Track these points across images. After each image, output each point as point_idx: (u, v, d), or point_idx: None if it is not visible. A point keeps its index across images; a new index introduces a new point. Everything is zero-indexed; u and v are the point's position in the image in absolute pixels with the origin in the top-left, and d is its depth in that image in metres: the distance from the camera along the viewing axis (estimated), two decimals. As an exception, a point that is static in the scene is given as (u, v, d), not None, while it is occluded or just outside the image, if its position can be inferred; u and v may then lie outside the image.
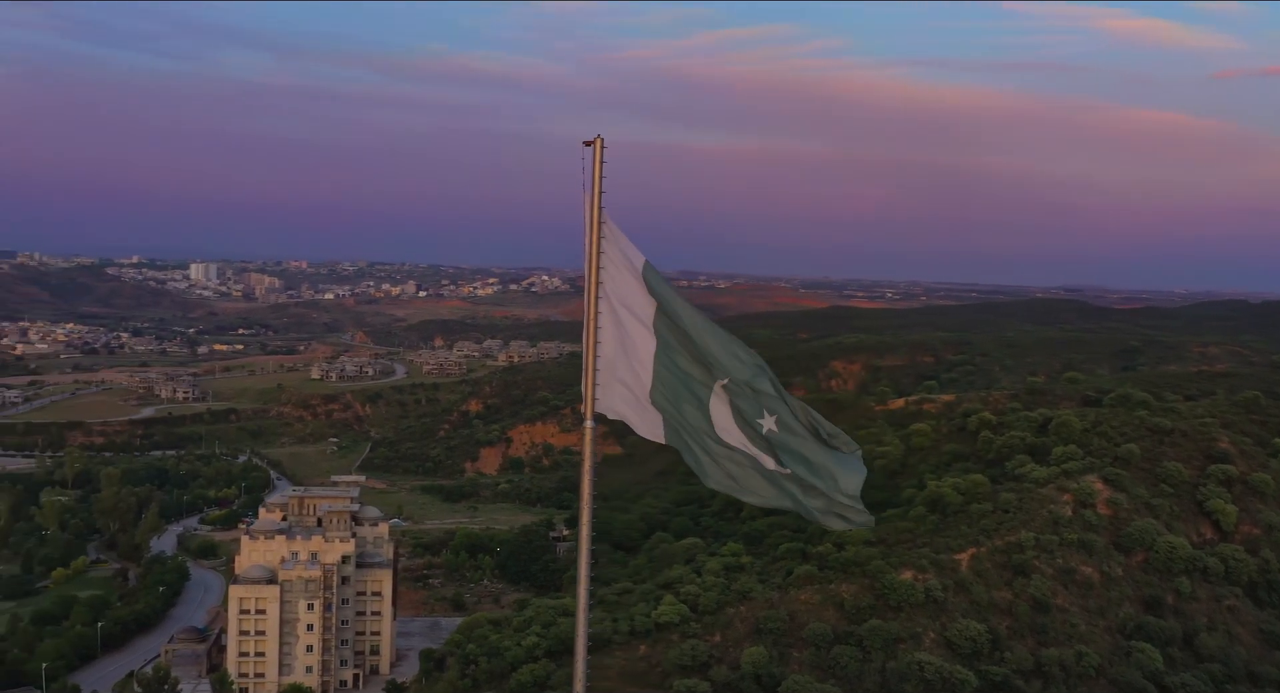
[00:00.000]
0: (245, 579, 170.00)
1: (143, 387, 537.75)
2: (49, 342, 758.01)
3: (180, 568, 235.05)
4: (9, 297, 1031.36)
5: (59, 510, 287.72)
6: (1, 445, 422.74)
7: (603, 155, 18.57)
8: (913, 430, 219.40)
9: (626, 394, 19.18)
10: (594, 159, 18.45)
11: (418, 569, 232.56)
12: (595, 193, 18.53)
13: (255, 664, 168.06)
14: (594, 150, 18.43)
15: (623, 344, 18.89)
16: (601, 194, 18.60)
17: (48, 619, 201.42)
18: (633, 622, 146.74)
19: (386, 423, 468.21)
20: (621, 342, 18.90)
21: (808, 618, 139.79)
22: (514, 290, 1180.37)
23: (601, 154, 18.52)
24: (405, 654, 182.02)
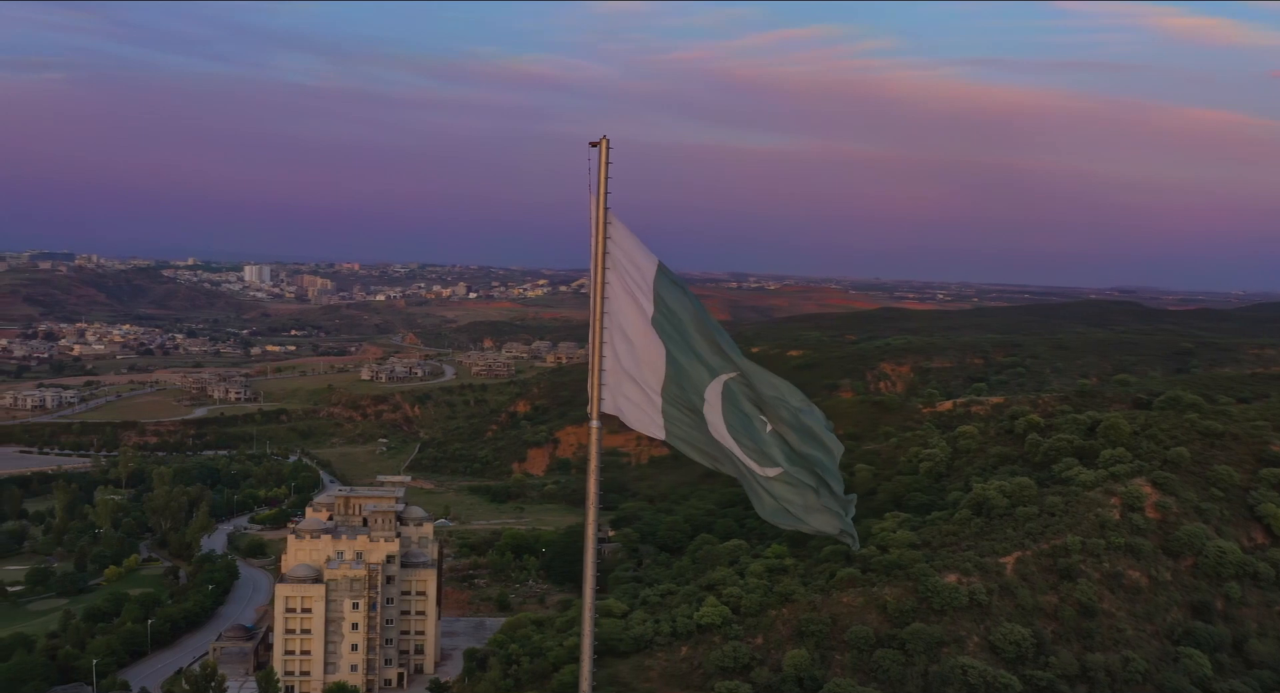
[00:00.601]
0: (291, 578, 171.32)
1: (196, 387, 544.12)
2: (106, 343, 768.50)
3: (230, 567, 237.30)
4: (67, 298, 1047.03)
5: (112, 509, 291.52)
6: (58, 445, 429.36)
7: (608, 157, 18.62)
8: (959, 433, 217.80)
9: (632, 393, 19.21)
10: (599, 160, 18.48)
11: (463, 569, 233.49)
12: (600, 194, 18.55)
13: (301, 663, 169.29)
14: (599, 152, 18.48)
15: (628, 345, 18.92)
16: (607, 195, 18.64)
17: (100, 616, 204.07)
18: (674, 623, 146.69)
19: (435, 424, 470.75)
20: (627, 342, 18.93)
21: (850, 621, 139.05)
22: (564, 292, 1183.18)
23: (607, 155, 18.55)
24: (450, 654, 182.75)
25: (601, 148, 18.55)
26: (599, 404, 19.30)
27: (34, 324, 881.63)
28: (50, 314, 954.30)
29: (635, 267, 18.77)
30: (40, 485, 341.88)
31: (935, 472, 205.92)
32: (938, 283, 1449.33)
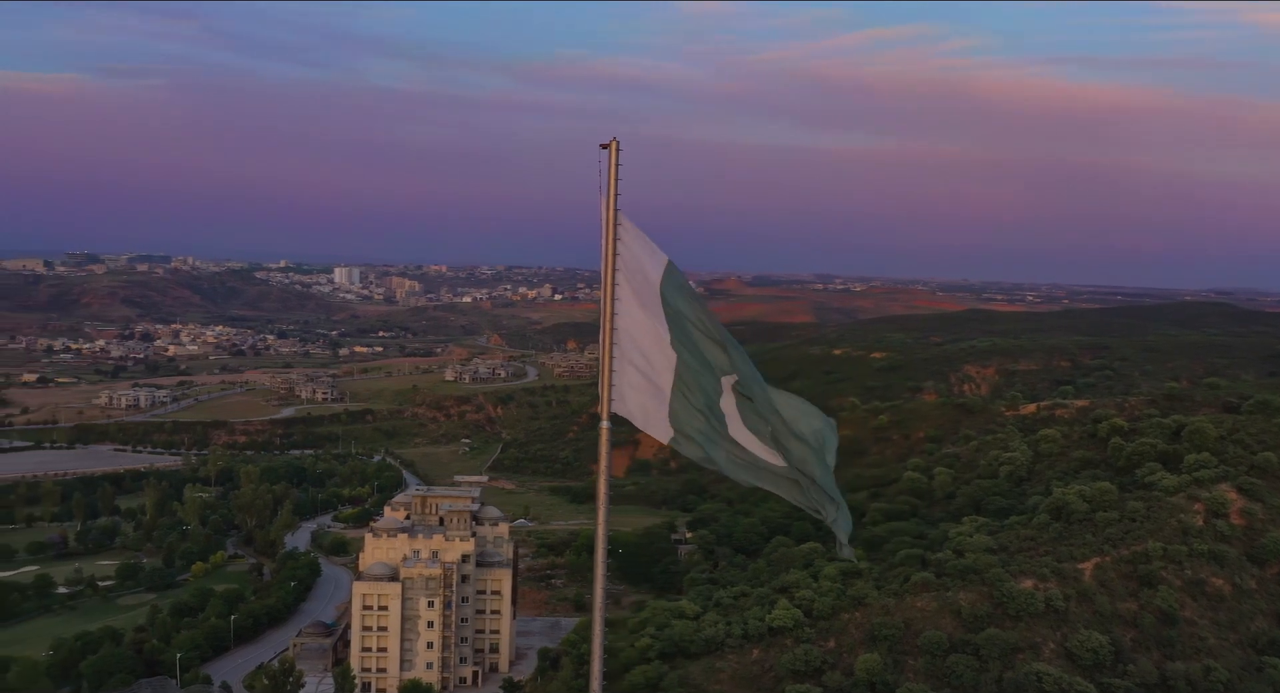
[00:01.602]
0: (368, 576, 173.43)
1: (284, 387, 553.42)
2: (199, 343, 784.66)
3: (312, 564, 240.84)
4: (163, 300, 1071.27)
5: (200, 507, 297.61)
6: (151, 443, 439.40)
7: (618, 158, 18.62)
8: (1041, 436, 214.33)
9: (642, 395, 19.24)
10: (610, 162, 18.51)
11: (541, 569, 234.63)
12: (611, 195, 18.55)
13: (378, 659, 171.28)
14: (610, 153, 18.51)
15: (639, 345, 18.94)
16: (617, 196, 18.65)
17: (185, 611, 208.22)
18: (746, 625, 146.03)
19: (517, 424, 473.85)
20: (638, 342, 18.96)
21: (923, 625, 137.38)
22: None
23: (617, 157, 18.55)
24: (525, 653, 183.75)
25: (611, 149, 18.56)
26: (609, 405, 19.34)
27: (131, 325, 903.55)
28: (147, 315, 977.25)
29: (644, 268, 18.83)
30: (132, 483, 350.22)
31: (1015, 476, 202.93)
32: (1027, 284, 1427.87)
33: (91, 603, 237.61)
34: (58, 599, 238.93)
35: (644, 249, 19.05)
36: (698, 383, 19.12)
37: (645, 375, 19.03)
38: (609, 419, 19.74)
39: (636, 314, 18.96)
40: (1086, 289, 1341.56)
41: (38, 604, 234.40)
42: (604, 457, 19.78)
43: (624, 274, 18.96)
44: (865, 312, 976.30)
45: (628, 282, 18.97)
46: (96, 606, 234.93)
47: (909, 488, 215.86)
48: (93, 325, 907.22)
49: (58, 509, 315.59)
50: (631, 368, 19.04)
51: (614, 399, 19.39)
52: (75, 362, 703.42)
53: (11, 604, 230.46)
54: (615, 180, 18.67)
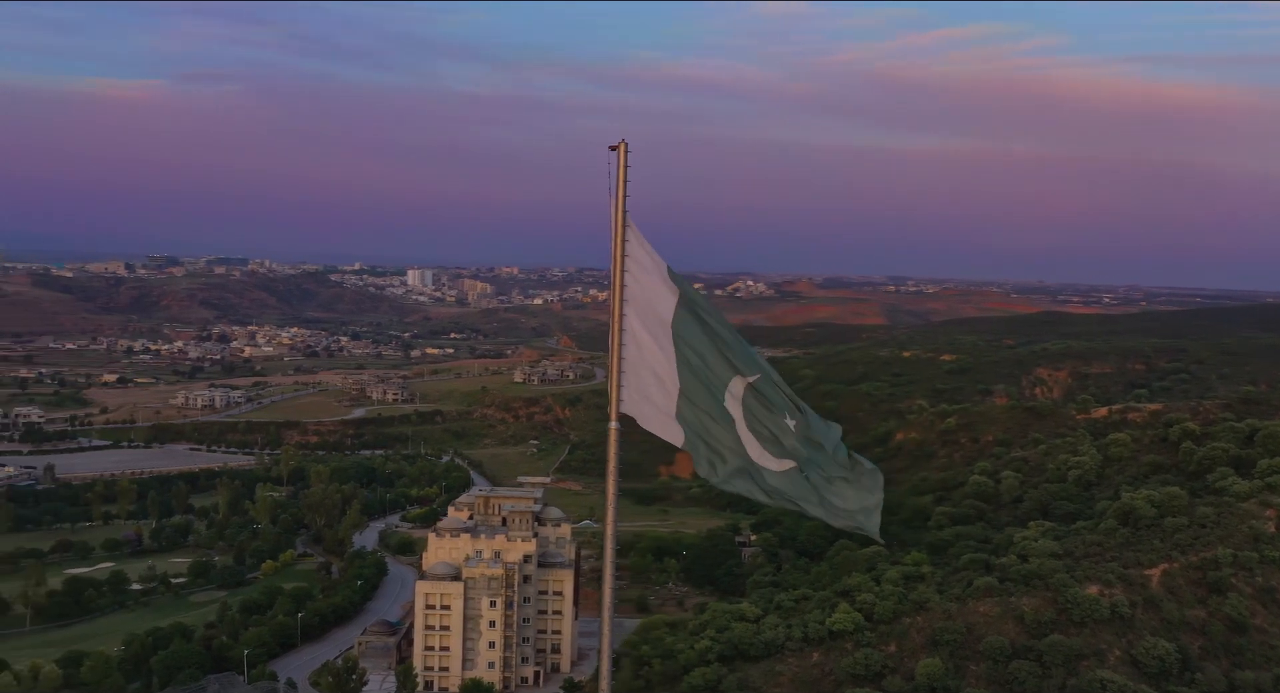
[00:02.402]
0: (431, 576, 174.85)
1: (355, 388, 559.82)
2: (274, 345, 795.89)
3: (379, 563, 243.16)
4: (240, 302, 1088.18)
5: (271, 506, 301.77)
6: (225, 443, 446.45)
7: (627, 160, 18.63)
8: (1111, 440, 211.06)
9: (651, 396, 19.31)
10: (619, 163, 18.55)
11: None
12: (620, 197, 18.59)
13: (440, 658, 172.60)
14: (618, 155, 18.55)
15: (648, 346, 19.02)
16: (626, 198, 18.67)
17: (254, 608, 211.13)
18: (806, 629, 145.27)
19: (585, 426, 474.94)
20: (646, 344, 19.04)
21: (986, 631, 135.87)
22: (719, 295, 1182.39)
23: (626, 159, 18.58)
24: (586, 654, 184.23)
25: (620, 152, 18.60)
26: (618, 406, 19.35)
27: (209, 327, 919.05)
28: (224, 317, 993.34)
29: (648, 270, 18.91)
30: (206, 482, 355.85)
31: (1084, 480, 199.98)
32: (1104, 286, 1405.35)
33: (164, 600, 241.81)
34: (132, 596, 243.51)
35: (645, 252, 19.11)
36: (703, 385, 19.13)
37: (655, 377, 19.07)
38: (618, 420, 19.80)
39: (643, 316, 19.03)
40: (1165, 291, 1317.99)
41: (112, 600, 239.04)
42: (612, 457, 19.81)
43: (633, 275, 19.02)
44: (937, 314, 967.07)
45: (636, 283, 19.05)
46: (169, 602, 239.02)
47: (975, 492, 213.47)
48: (171, 327, 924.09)
49: (134, 507, 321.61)
50: (639, 370, 19.08)
51: (623, 400, 19.44)
52: (154, 362, 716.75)
53: (87, 600, 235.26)
54: (624, 183, 18.69)
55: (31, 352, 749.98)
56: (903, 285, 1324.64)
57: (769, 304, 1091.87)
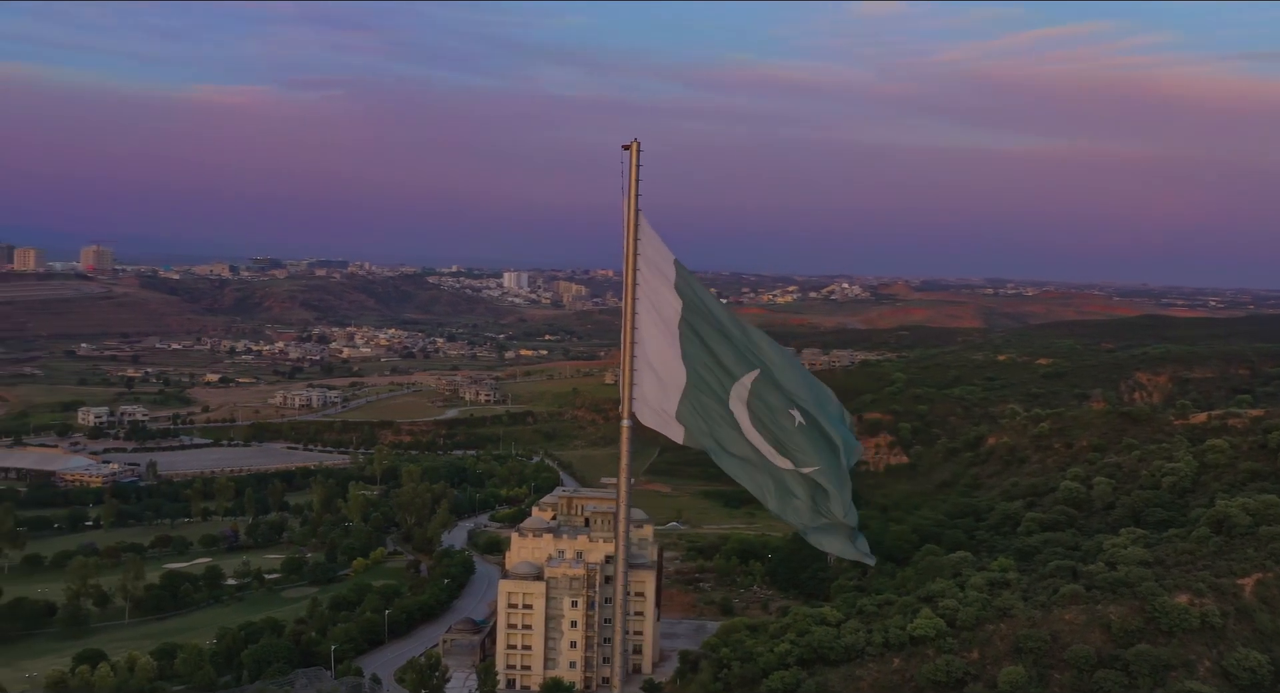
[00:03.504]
0: (514, 575, 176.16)
1: (449, 389, 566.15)
2: (372, 346, 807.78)
3: (466, 562, 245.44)
4: (339, 303, 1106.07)
5: (362, 504, 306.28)
6: (321, 442, 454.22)
7: (639, 159, 18.78)
8: (1208, 447, 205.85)
9: (653, 394, 19.44)
10: (631, 163, 18.72)
11: (690, 572, 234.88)
12: (632, 196, 18.75)
13: (522, 657, 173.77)
14: (631, 154, 18.73)
15: (657, 344, 19.16)
16: (638, 197, 18.81)
17: (343, 605, 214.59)
18: (887, 634, 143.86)
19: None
20: (656, 342, 19.18)
21: (1071, 639, 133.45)
22: (813, 298, 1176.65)
23: (638, 158, 18.73)
24: (669, 655, 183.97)
25: (633, 150, 18.78)
26: (630, 403, 19.47)
27: (309, 328, 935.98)
28: (324, 318, 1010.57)
29: (659, 269, 19.03)
30: (302, 480, 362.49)
31: (1179, 487, 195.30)
32: (1210, 289, 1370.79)
33: (258, 595, 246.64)
34: (227, 591, 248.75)
35: (657, 250, 19.18)
36: (707, 383, 19.13)
37: (658, 376, 19.15)
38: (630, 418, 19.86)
39: (652, 316, 19.11)
40: (1274, 294, 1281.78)
41: (208, 595, 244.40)
42: (624, 455, 19.93)
43: (644, 274, 19.10)
44: (1036, 317, 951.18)
45: (647, 282, 19.13)
46: (262, 597, 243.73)
47: (1066, 498, 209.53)
48: (273, 328, 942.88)
49: (231, 504, 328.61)
50: (647, 369, 19.17)
51: (634, 399, 19.54)
52: (255, 363, 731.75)
53: (184, 594, 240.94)
54: (636, 181, 18.79)
55: (139, 352, 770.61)
56: (1001, 288, 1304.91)
57: (864, 307, 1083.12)
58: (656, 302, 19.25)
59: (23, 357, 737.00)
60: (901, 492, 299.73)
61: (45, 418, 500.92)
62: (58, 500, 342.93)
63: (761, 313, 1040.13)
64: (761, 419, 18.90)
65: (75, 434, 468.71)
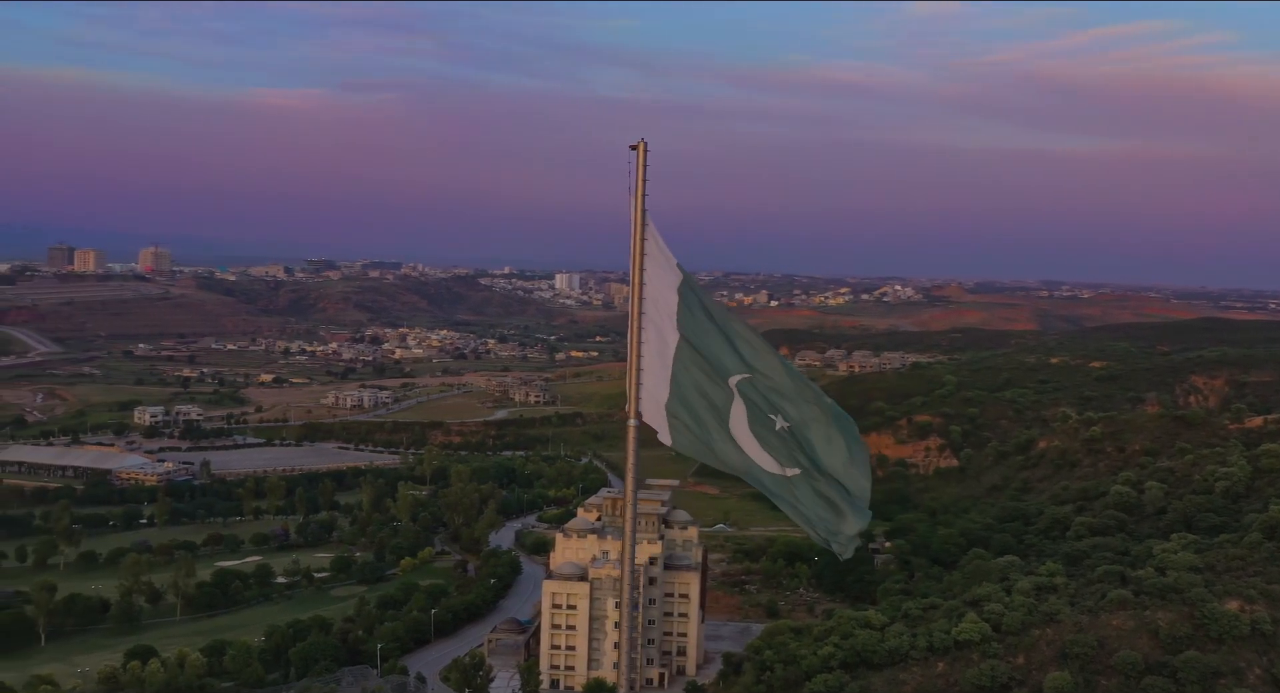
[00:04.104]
0: (558, 575, 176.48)
1: (499, 390, 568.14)
2: (424, 347, 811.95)
3: (513, 562, 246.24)
4: (392, 305, 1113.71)
5: (411, 504, 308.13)
6: (371, 442, 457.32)
7: (646, 159, 18.85)
8: (1262, 451, 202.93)
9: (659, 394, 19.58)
10: (638, 163, 18.81)
11: (736, 575, 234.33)
12: (639, 196, 18.83)
13: (566, 657, 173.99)
14: (638, 154, 18.81)
15: (660, 345, 19.32)
16: (645, 197, 18.89)
17: (391, 604, 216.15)
18: (931, 638, 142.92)
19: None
20: (658, 343, 19.33)
21: (1118, 645, 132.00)
22: (865, 300, 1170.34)
23: (645, 158, 18.81)
24: (713, 657, 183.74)
25: (640, 151, 18.84)
26: (638, 403, 19.56)
27: (362, 329, 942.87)
28: (377, 319, 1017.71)
29: (663, 269, 19.13)
30: (352, 480, 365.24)
31: (1232, 492, 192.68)
32: (1270, 291, 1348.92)
33: (307, 593, 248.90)
34: (277, 589, 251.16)
35: (660, 251, 19.25)
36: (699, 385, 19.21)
37: (659, 377, 19.26)
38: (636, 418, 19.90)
39: (655, 316, 19.23)
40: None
41: (258, 593, 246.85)
42: (631, 454, 20.02)
43: (650, 274, 19.19)
44: (1091, 319, 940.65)
45: (652, 282, 19.23)
46: (311, 596, 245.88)
47: (1117, 502, 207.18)
48: (327, 329, 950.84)
49: (282, 503, 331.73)
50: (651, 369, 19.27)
51: (640, 399, 19.61)
52: (309, 363, 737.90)
53: (234, 592, 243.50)
54: (643, 182, 18.83)
55: (195, 352, 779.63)
56: (1056, 290, 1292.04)
57: (916, 309, 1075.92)
58: (660, 302, 19.37)
59: (82, 357, 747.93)
60: (951, 495, 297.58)
61: (103, 417, 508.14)
62: (113, 499, 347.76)
63: (813, 315, 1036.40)
64: (753, 420, 19.07)
65: (131, 433, 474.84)
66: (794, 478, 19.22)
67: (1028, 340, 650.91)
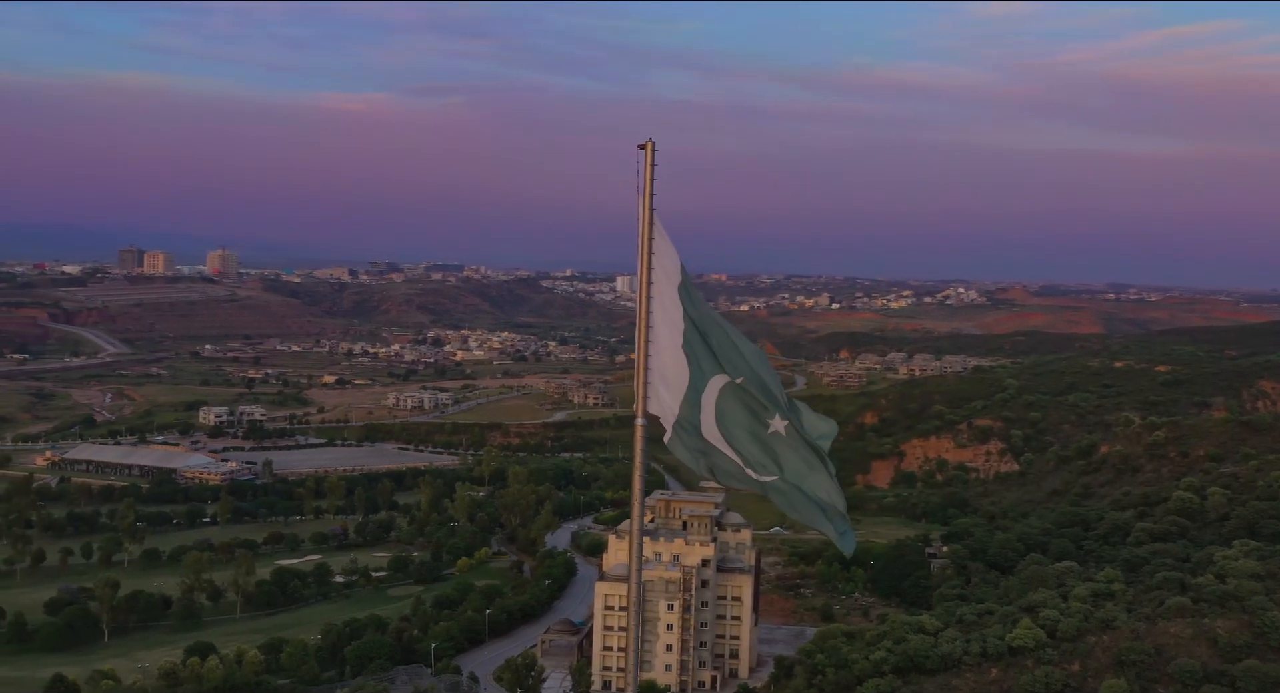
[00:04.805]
0: (610, 577, 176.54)
1: (558, 392, 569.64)
2: (485, 349, 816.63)
3: (568, 563, 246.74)
4: (454, 307, 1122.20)
5: (469, 504, 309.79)
6: (431, 443, 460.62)
7: (654, 159, 18.94)
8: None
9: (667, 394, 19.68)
10: (646, 162, 18.90)
11: (791, 578, 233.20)
12: (647, 195, 18.92)
13: (618, 659, 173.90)
14: (646, 154, 18.90)
15: (667, 344, 19.41)
16: (653, 197, 18.99)
17: (446, 604, 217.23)
18: (985, 643, 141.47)
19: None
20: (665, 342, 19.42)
21: (1176, 652, 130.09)
22: (928, 303, 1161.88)
23: (653, 158, 18.90)
24: (766, 660, 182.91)
25: (647, 151, 18.91)
26: (644, 403, 19.62)
27: (424, 331, 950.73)
28: (439, 322, 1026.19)
29: (667, 271, 19.25)
30: (411, 480, 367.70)
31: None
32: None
33: (364, 592, 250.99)
34: (335, 587, 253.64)
35: (666, 252, 19.31)
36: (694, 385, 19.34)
37: (666, 377, 19.31)
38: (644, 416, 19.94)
39: (662, 316, 19.29)
40: None
41: (316, 591, 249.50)
42: (638, 453, 20.01)
43: (657, 274, 19.26)
44: (1158, 323, 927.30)
45: (659, 282, 19.30)
46: (369, 595, 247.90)
47: (1179, 508, 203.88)
48: (389, 330, 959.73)
49: (342, 503, 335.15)
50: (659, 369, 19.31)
51: (649, 397, 19.65)
52: (371, 365, 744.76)
53: (293, 590, 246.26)
54: (651, 181, 18.89)
55: (260, 353, 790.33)
56: (1123, 293, 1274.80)
57: (979, 312, 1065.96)
58: (666, 303, 19.43)
59: (150, 358, 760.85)
60: (1010, 500, 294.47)
61: (169, 417, 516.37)
62: (177, 497, 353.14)
63: (874, 318, 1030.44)
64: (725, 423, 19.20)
65: (196, 433, 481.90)
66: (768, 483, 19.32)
67: (1092, 344, 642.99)
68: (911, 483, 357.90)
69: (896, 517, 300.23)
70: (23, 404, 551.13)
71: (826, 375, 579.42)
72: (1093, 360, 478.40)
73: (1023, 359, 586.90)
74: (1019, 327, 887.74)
